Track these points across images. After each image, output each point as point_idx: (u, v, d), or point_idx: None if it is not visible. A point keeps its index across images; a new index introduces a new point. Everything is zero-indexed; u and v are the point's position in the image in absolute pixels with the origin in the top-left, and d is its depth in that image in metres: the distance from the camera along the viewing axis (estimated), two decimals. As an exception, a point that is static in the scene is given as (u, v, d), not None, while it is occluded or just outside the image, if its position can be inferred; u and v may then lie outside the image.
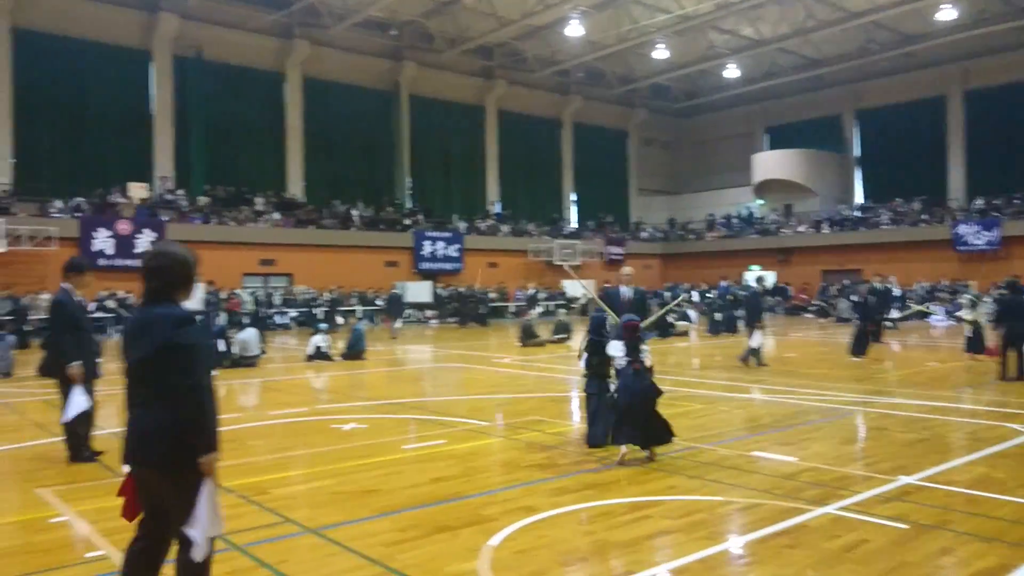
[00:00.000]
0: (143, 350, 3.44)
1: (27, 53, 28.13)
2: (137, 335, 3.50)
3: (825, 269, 38.28)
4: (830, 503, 5.63)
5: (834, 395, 11.09)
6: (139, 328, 3.52)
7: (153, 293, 3.56)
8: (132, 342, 3.51)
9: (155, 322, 3.46)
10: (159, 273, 3.58)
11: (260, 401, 11.85)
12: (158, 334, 3.42)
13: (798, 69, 39.88)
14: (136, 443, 3.45)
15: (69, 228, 26.55)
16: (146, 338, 3.44)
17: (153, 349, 3.41)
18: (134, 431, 3.46)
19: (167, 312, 3.51)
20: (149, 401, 3.44)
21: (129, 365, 3.51)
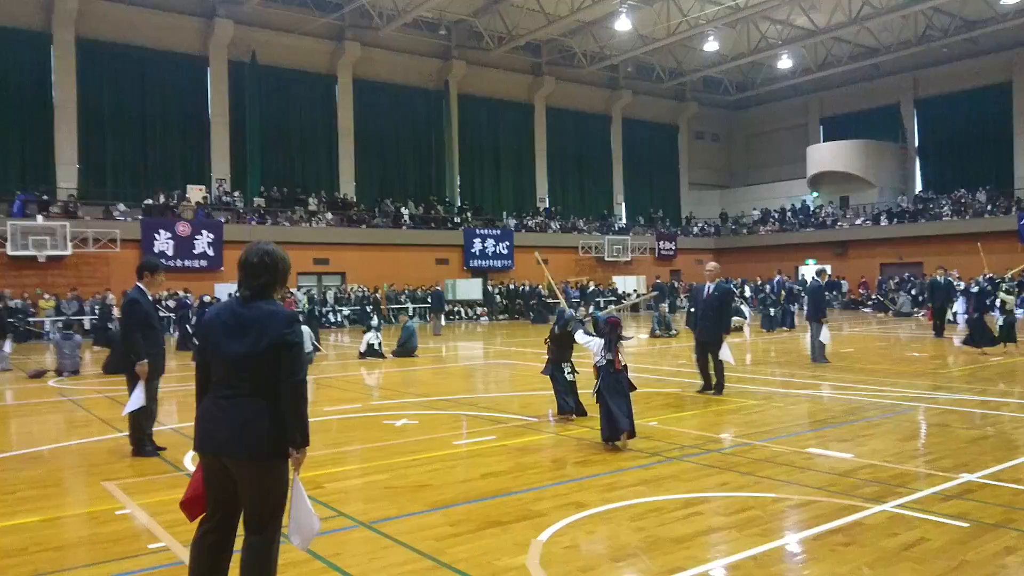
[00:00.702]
0: (251, 345, 3.49)
1: (91, 62, 29.15)
2: (241, 330, 3.53)
3: (884, 262, 37.32)
4: (888, 501, 5.50)
5: (893, 391, 10.82)
6: (245, 323, 3.54)
7: (257, 290, 3.61)
8: (233, 336, 3.52)
9: (266, 319, 3.53)
10: (265, 271, 3.63)
11: (315, 397, 12.06)
12: (272, 331, 3.49)
13: (854, 58, 38.94)
14: (232, 433, 3.47)
15: (131, 230, 27.42)
16: (254, 334, 3.50)
17: (265, 345, 3.48)
18: (231, 421, 3.48)
19: (278, 310, 3.59)
20: (250, 393, 3.49)
21: (227, 358, 3.52)
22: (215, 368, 3.58)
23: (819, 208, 42.39)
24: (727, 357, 10.76)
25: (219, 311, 3.65)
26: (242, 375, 3.50)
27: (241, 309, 3.58)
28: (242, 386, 3.49)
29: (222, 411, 3.51)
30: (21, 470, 7.18)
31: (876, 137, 40.98)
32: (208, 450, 3.54)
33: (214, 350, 3.57)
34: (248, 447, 3.44)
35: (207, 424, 3.54)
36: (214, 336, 3.57)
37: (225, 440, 3.47)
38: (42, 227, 25.51)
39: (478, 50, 37.51)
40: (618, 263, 39.56)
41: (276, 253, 3.67)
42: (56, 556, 4.75)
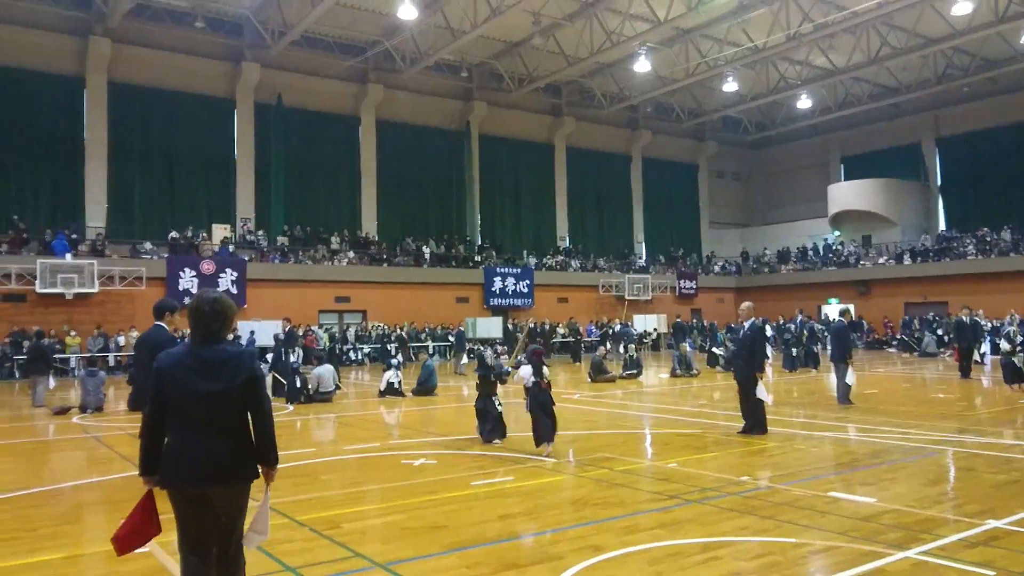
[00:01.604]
0: (227, 382, 3.81)
1: (122, 104, 29.90)
2: (211, 370, 3.82)
3: (908, 301, 36.92)
4: (912, 547, 5.40)
5: (918, 433, 10.65)
6: (213, 364, 3.84)
7: (213, 334, 3.94)
8: (203, 377, 3.80)
9: (235, 359, 3.89)
10: (215, 317, 3.96)
11: (334, 436, 12.10)
12: (245, 369, 3.87)
13: (874, 97, 39.05)
14: (220, 464, 3.77)
15: (157, 268, 27.83)
16: (228, 372, 3.83)
17: (240, 381, 3.84)
18: (216, 454, 3.77)
19: (244, 350, 4.00)
20: (226, 427, 3.82)
21: (199, 397, 3.78)
22: (179, 407, 3.81)
23: (840, 246, 42.13)
24: (763, 395, 10.69)
25: (178, 356, 3.92)
26: (215, 411, 3.81)
27: (204, 352, 3.88)
28: (216, 422, 3.80)
29: (202, 447, 3.77)
30: (43, 507, 7.25)
31: (898, 175, 40.87)
32: (195, 484, 3.77)
33: (181, 391, 3.80)
34: (237, 475, 3.84)
35: (187, 460, 3.76)
36: (182, 377, 3.82)
37: (212, 472, 3.76)
38: (70, 265, 25.96)
39: (499, 91, 38.05)
40: (639, 301, 39.47)
41: (224, 301, 4.03)
42: (75, 594, 4.78)
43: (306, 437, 12.16)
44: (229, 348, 3.96)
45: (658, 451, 9.86)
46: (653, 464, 8.96)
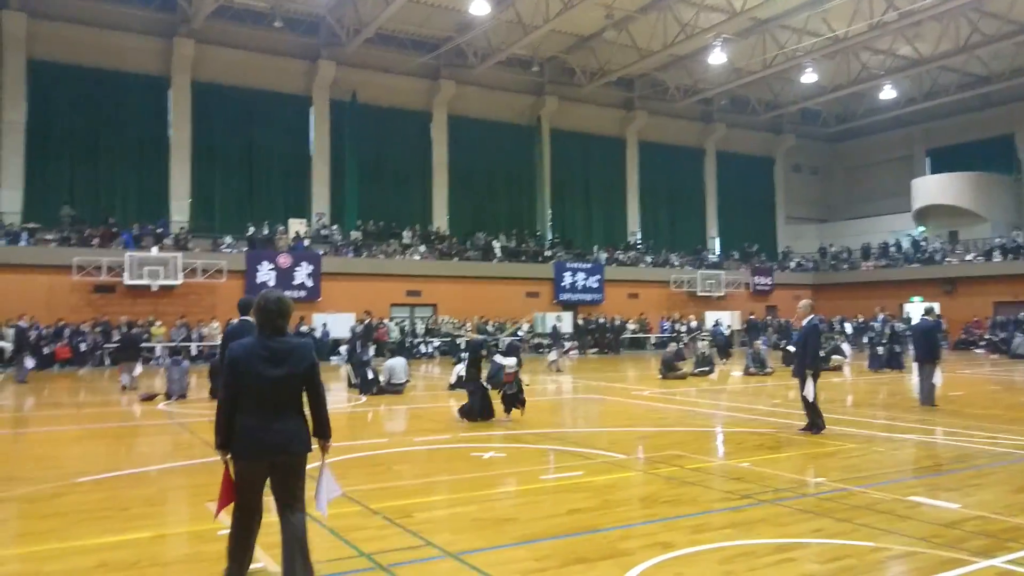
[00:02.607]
0: (291, 369, 4.50)
1: (204, 103, 31.05)
2: (280, 359, 4.49)
3: (997, 301, 35.26)
4: (997, 555, 5.18)
5: (1008, 438, 10.19)
6: (280, 354, 4.51)
7: (279, 328, 4.59)
8: (272, 364, 4.47)
9: (299, 348, 4.60)
10: (282, 313, 4.62)
11: (405, 427, 12.32)
12: (307, 357, 4.59)
13: (963, 87, 37.39)
14: (286, 437, 4.46)
15: (237, 262, 28.77)
16: (293, 360, 4.52)
17: (303, 368, 4.54)
18: (282, 429, 4.46)
19: (305, 342, 4.73)
20: (289, 407, 4.52)
21: (268, 382, 4.44)
22: (251, 391, 4.45)
23: (925, 242, 40.51)
24: (808, 393, 10.53)
25: (250, 346, 4.55)
26: (281, 393, 4.49)
27: (272, 343, 4.53)
28: (282, 402, 4.49)
29: (272, 424, 4.44)
30: (133, 488, 7.60)
31: (988, 169, 39.04)
32: (264, 456, 4.44)
33: (256, 376, 4.44)
34: (299, 446, 4.51)
35: (260, 435, 4.42)
36: (253, 366, 4.46)
37: (280, 444, 4.44)
38: (156, 258, 27.09)
39: (570, 86, 37.92)
40: (711, 298, 38.82)
41: (285, 299, 4.71)
42: (163, 571, 5.01)
43: (378, 428, 12.41)
44: (292, 340, 4.62)
45: (730, 450, 9.70)
46: (725, 463, 8.83)
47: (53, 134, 28.65)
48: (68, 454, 9.79)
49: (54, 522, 6.30)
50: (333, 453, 9.46)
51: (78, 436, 11.37)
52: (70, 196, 28.93)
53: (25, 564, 5.22)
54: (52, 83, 28.58)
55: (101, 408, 14.99)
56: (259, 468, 4.47)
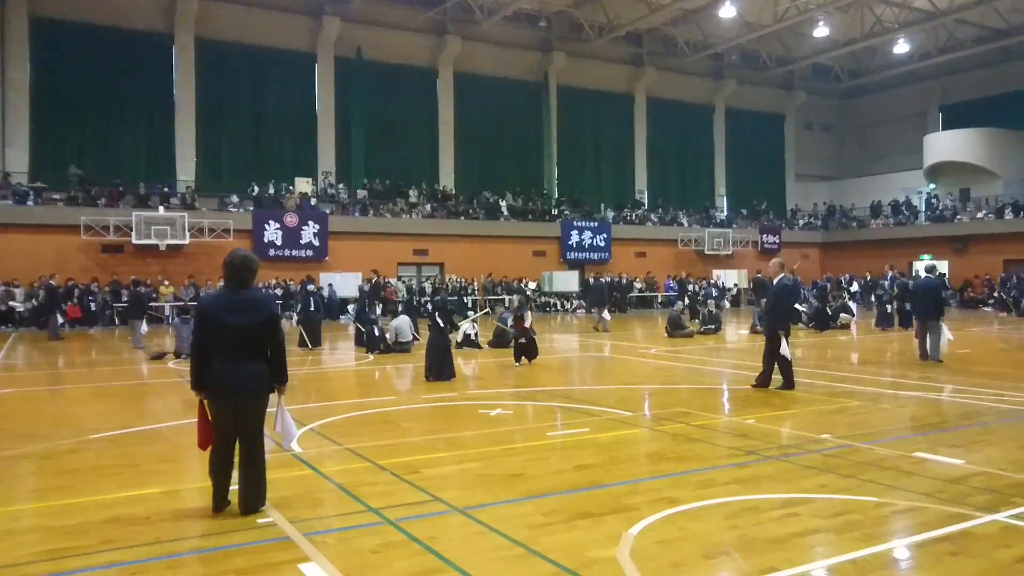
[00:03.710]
0: (251, 319, 5.10)
1: (208, 61, 30.76)
2: (243, 309, 5.11)
3: (1008, 259, 35.02)
4: (1002, 511, 5.21)
5: (1015, 396, 10.20)
6: (243, 305, 5.13)
7: (243, 282, 5.20)
8: (235, 314, 5.08)
9: (260, 300, 5.24)
10: (246, 268, 5.22)
11: (413, 385, 12.39)
12: (266, 309, 5.22)
13: (980, 41, 36.62)
14: (246, 381, 5.12)
15: (244, 221, 28.77)
16: (254, 312, 5.12)
17: (262, 318, 5.15)
18: (244, 374, 5.11)
19: (266, 295, 5.45)
20: (251, 354, 5.15)
21: (232, 330, 5.06)
22: (219, 338, 5.09)
23: (936, 200, 40.10)
24: (786, 352, 10.59)
25: (216, 298, 5.26)
26: (245, 341, 5.10)
27: (235, 295, 5.15)
28: (244, 349, 5.11)
29: (236, 368, 5.10)
30: (145, 445, 7.70)
31: (1002, 125, 38.41)
32: (229, 396, 5.13)
33: (220, 324, 5.08)
34: (257, 389, 5.18)
35: (225, 379, 5.10)
36: (218, 315, 5.10)
37: (241, 387, 5.11)
38: (163, 218, 27.11)
39: (578, 41, 37.37)
40: (719, 256, 38.70)
41: (251, 257, 5.29)
42: (175, 526, 5.09)
43: (386, 385, 12.50)
44: (255, 293, 5.24)
45: (736, 407, 9.75)
46: (731, 420, 8.87)
47: (58, 93, 28.48)
48: (82, 412, 9.91)
49: (68, 478, 6.39)
50: (342, 410, 9.60)
51: (92, 394, 11.50)
52: (76, 156, 28.87)
53: (40, 519, 5.31)
54: (56, 41, 28.33)
55: (113, 367, 15.13)
56: (227, 406, 5.13)
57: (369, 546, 4.64)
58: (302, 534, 4.83)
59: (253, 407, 5.18)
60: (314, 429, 8.31)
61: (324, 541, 4.74)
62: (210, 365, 5.11)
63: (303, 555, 4.49)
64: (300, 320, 18.67)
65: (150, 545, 4.69)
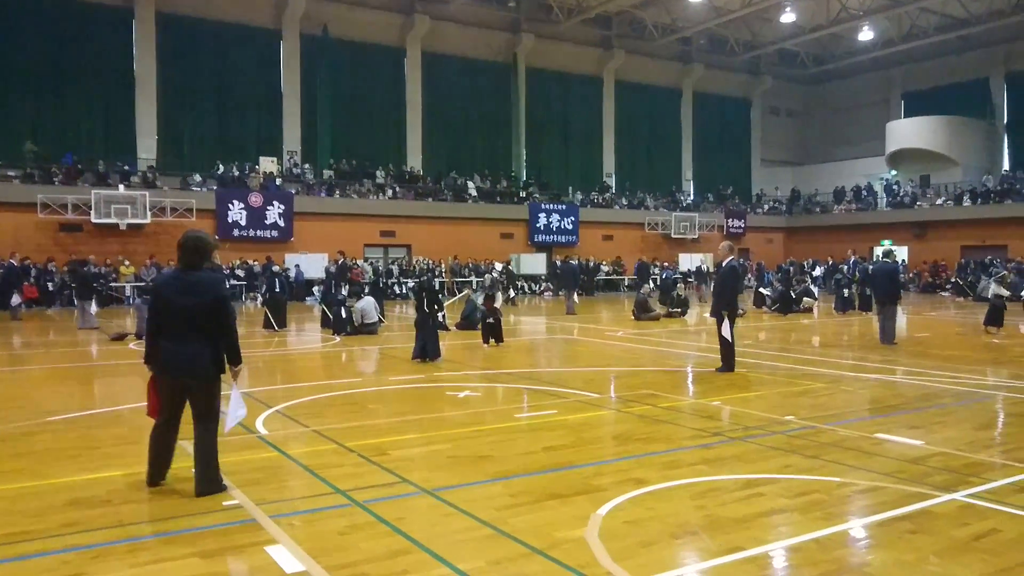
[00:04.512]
0: (200, 299, 5.14)
1: (170, 36, 30.06)
2: (190, 290, 5.16)
3: (965, 245, 35.82)
4: (959, 490, 5.34)
5: (971, 378, 10.45)
6: (192, 285, 5.18)
7: (193, 263, 5.27)
8: (183, 294, 5.14)
9: (208, 282, 5.25)
10: (197, 250, 5.30)
11: (380, 367, 12.34)
12: (213, 290, 5.21)
13: (941, 30, 37.17)
14: (189, 361, 5.13)
15: (207, 200, 28.29)
16: (201, 292, 5.16)
17: (209, 299, 5.16)
18: (187, 354, 5.12)
19: (214, 276, 5.43)
20: (196, 335, 5.14)
21: (180, 310, 5.13)
22: (167, 317, 5.17)
23: (897, 186, 40.79)
24: (727, 334, 10.75)
25: (167, 278, 5.33)
26: (190, 322, 5.12)
27: (185, 276, 5.22)
28: (189, 328, 5.13)
29: (179, 348, 5.14)
30: (105, 427, 7.56)
31: (962, 113, 39.12)
32: (171, 374, 5.20)
33: (169, 303, 5.17)
34: (201, 369, 5.16)
35: (170, 357, 5.16)
36: (168, 294, 5.19)
37: (184, 367, 5.14)
38: (123, 196, 26.53)
39: (547, 23, 37.18)
40: (685, 240, 39.01)
41: (203, 238, 5.37)
42: (138, 508, 5.01)
43: (352, 367, 12.42)
44: (204, 274, 5.28)
45: (702, 389, 9.85)
46: (697, 402, 8.97)
47: (13, 67, 27.62)
48: (40, 393, 9.69)
49: (27, 461, 6.25)
50: (308, 392, 9.52)
51: (50, 375, 11.26)
52: (32, 132, 28.06)
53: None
54: (12, 12, 27.43)
55: (71, 348, 14.82)
56: (173, 384, 5.21)
57: (336, 528, 4.60)
58: (268, 516, 4.78)
59: (199, 388, 5.20)
60: (280, 411, 8.22)
61: (291, 523, 4.69)
62: (161, 343, 5.21)
63: (270, 537, 4.44)
64: (265, 301, 18.46)
65: (111, 528, 4.61)
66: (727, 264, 11.12)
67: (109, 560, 4.15)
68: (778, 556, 4.25)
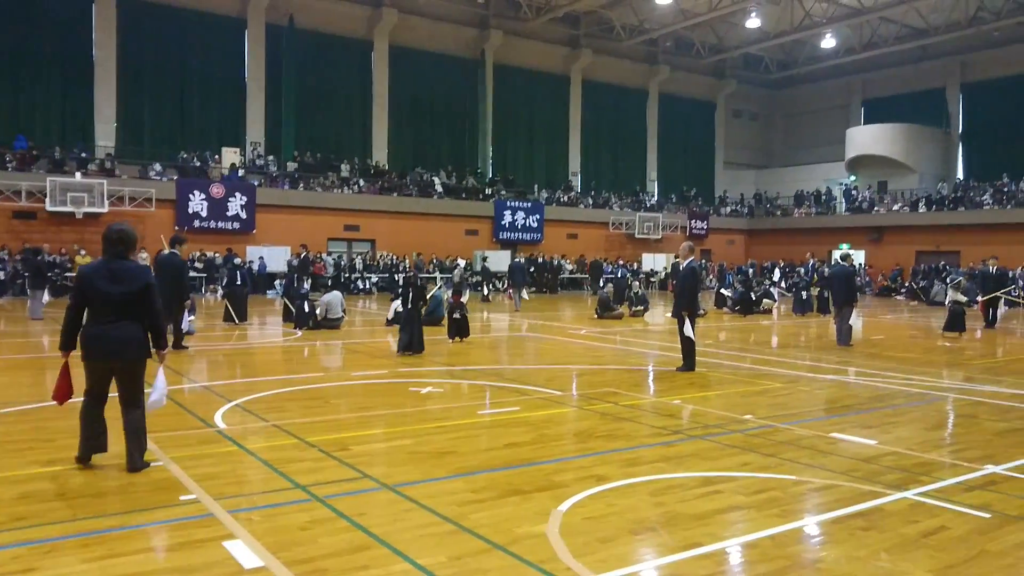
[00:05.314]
0: (128, 287, 5.44)
1: (131, 21, 29.43)
2: (119, 278, 5.45)
3: (920, 250, 36.67)
4: (910, 488, 5.49)
5: (922, 380, 10.72)
6: (120, 274, 5.48)
7: (119, 253, 5.56)
8: (114, 282, 5.44)
9: (136, 270, 5.59)
10: (122, 241, 5.59)
11: (342, 362, 12.25)
12: (142, 278, 5.54)
13: (901, 39, 38.01)
14: (119, 345, 5.46)
15: (167, 190, 27.78)
16: (131, 281, 5.47)
17: (137, 287, 5.47)
18: (117, 338, 5.44)
19: (141, 265, 5.84)
20: (127, 320, 5.46)
21: (109, 297, 5.40)
22: (97, 304, 5.44)
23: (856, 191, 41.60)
24: (689, 333, 10.90)
25: (95, 267, 5.56)
26: (120, 308, 5.44)
27: (113, 265, 5.50)
28: (118, 315, 5.44)
29: (109, 332, 5.43)
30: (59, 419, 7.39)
31: (919, 121, 40.04)
32: (100, 358, 5.47)
33: (97, 291, 5.43)
34: (130, 353, 5.50)
35: (99, 341, 5.45)
36: (96, 283, 5.45)
37: (114, 350, 5.46)
38: (80, 184, 25.93)
39: (516, 20, 37.19)
40: (649, 240, 39.34)
41: (127, 230, 5.66)
42: (93, 503, 4.92)
43: (315, 362, 12.32)
44: (131, 264, 5.59)
45: (663, 388, 9.95)
46: (658, 400, 9.06)
47: (-35, 48, 26.84)
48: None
49: (-25, 453, 6.10)
50: (269, 386, 9.42)
51: (1, 367, 10.99)
52: (-16, 115, 27.30)
53: (-56, 495, 5.05)
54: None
55: (24, 338, 14.47)
56: (101, 367, 5.49)
57: (297, 523, 4.57)
58: (227, 511, 4.73)
59: (127, 369, 5.54)
60: (240, 405, 8.13)
61: (250, 518, 4.65)
62: (87, 328, 5.49)
63: (228, 532, 4.40)
64: (226, 294, 18.20)
65: (64, 523, 4.52)
66: (687, 265, 11.27)
67: (62, 555, 4.07)
68: (734, 552, 4.32)
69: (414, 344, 12.56)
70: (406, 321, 12.71)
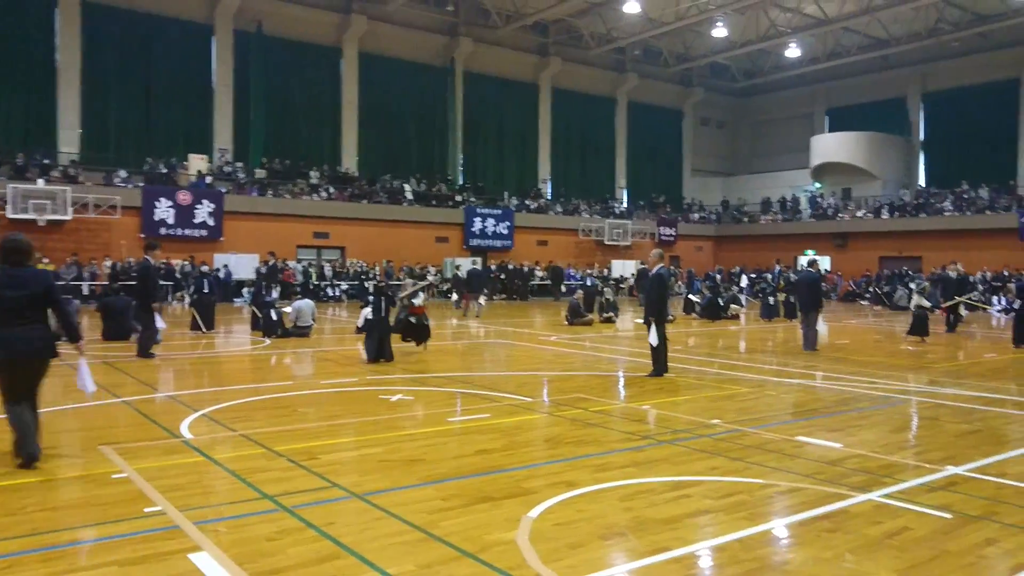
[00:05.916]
0: (32, 290, 5.89)
1: (96, 26, 29.00)
2: (20, 284, 5.87)
3: (884, 255, 37.34)
4: (874, 490, 5.58)
5: (886, 383, 10.90)
6: (21, 280, 5.90)
7: (18, 261, 5.97)
8: (15, 287, 5.83)
9: (37, 275, 6.06)
10: (18, 251, 6.01)
11: (312, 370, 12.15)
12: (43, 281, 6.02)
13: (863, 49, 38.75)
14: (30, 344, 5.88)
15: (132, 197, 27.39)
16: (33, 285, 5.91)
17: (42, 289, 5.95)
18: (28, 338, 5.87)
19: (41, 271, 6.30)
20: (35, 320, 5.93)
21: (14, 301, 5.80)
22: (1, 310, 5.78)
23: (820, 198, 42.27)
24: (652, 340, 11.09)
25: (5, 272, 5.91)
26: (26, 311, 5.87)
27: (13, 271, 5.93)
28: (30, 315, 5.90)
29: (19, 334, 5.85)
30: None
31: (882, 129, 40.80)
32: (13, 358, 5.85)
33: (1, 298, 5.79)
34: (40, 351, 5.98)
35: (7, 344, 5.80)
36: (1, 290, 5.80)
37: (20, 349, 5.86)
38: (43, 191, 25.47)
39: (485, 28, 37.29)
40: (618, 247, 39.57)
41: (23, 240, 6.09)
42: (54, 516, 4.83)
43: (283, 371, 12.21)
44: (30, 270, 6.03)
45: (632, 393, 10.01)
46: (627, 406, 9.11)
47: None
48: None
49: (-69, 466, 5.96)
50: (236, 395, 9.33)
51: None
52: (-57, 121, 26.71)
53: (-101, 510, 4.92)
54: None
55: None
56: (13, 367, 5.86)
57: (264, 533, 4.53)
58: (192, 523, 4.67)
59: (34, 366, 5.99)
60: (206, 415, 8.03)
61: (216, 529, 4.59)
62: None
63: (193, 544, 4.34)
64: (193, 303, 17.97)
65: (25, 537, 4.43)
66: (656, 271, 11.38)
67: (22, 570, 3.98)
68: (703, 556, 4.36)
69: (384, 352, 12.58)
70: (376, 329, 12.69)
